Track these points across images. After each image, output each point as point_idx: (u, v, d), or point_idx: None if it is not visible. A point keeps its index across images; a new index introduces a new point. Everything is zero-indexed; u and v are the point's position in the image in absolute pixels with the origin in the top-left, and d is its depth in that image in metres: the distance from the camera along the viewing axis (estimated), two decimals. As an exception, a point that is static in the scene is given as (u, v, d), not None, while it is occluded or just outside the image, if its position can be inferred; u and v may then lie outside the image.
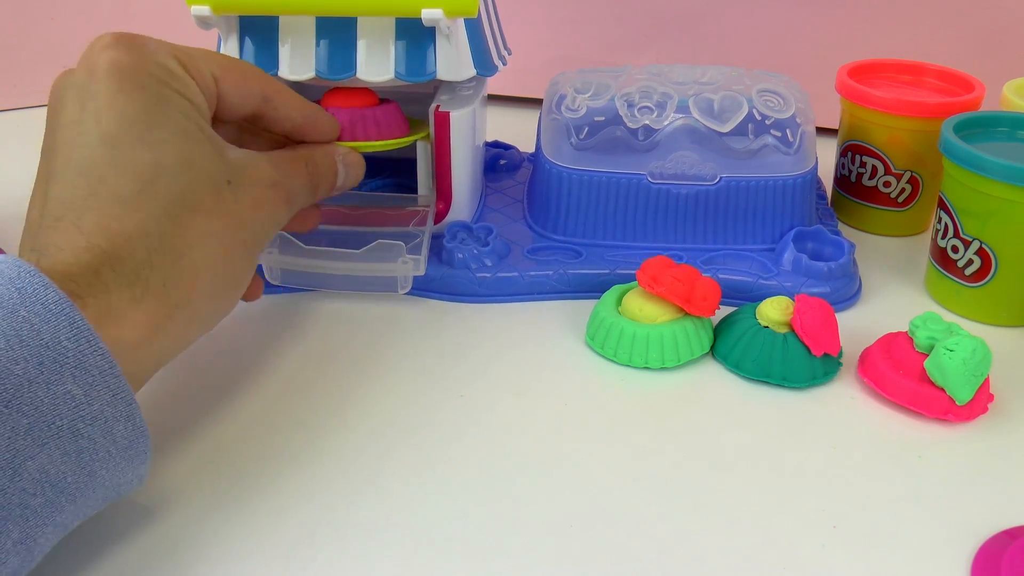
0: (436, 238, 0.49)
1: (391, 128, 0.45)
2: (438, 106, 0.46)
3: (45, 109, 0.33)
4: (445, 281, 0.47)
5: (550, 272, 0.47)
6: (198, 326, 0.33)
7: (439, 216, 0.49)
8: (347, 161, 0.42)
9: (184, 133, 0.33)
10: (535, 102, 0.68)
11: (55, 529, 0.27)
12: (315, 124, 0.41)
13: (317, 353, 0.43)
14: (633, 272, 0.45)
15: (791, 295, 0.42)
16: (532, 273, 0.47)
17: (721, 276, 0.47)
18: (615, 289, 0.45)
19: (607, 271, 0.48)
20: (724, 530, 0.33)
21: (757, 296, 0.46)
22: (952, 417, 0.38)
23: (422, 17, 0.42)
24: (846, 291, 0.48)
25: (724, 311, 0.45)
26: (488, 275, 0.47)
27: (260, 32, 0.44)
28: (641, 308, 0.42)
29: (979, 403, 0.39)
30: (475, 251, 0.47)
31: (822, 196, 0.58)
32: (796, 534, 0.33)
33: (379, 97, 0.46)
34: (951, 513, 0.34)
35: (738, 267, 0.48)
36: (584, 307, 0.46)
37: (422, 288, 0.47)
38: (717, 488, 0.35)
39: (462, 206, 0.49)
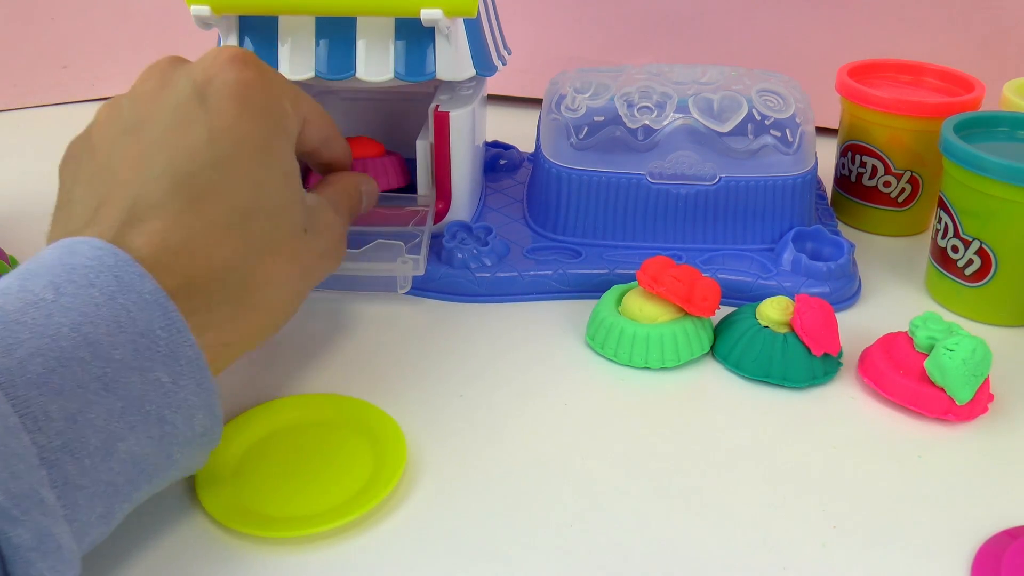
0: (436, 238, 0.49)
1: (396, 177, 0.49)
2: (438, 106, 0.46)
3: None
4: (445, 281, 0.47)
5: (550, 272, 0.47)
6: (239, 353, 0.33)
7: (439, 216, 0.49)
8: (368, 190, 0.43)
9: (284, 176, 0.34)
10: (535, 102, 0.68)
11: (130, 505, 0.28)
12: (344, 158, 0.42)
13: (315, 353, 0.43)
14: (633, 272, 0.45)
15: (791, 295, 0.42)
16: (532, 273, 0.47)
17: (721, 276, 0.47)
18: (615, 289, 0.45)
19: (607, 271, 0.48)
20: (724, 530, 0.33)
21: (757, 296, 0.46)
22: (952, 417, 0.38)
23: (421, 17, 0.42)
24: (846, 291, 0.48)
25: (724, 311, 0.45)
26: (488, 275, 0.47)
27: (260, 32, 0.44)
28: (641, 308, 0.42)
29: (979, 403, 0.39)
30: (475, 251, 0.47)
31: (822, 196, 0.58)
32: (796, 534, 0.33)
33: (385, 148, 0.50)
34: (951, 513, 0.34)
35: (738, 267, 0.48)
36: (584, 307, 0.46)
37: (421, 288, 0.47)
38: (717, 488, 0.35)
39: (462, 206, 0.49)
